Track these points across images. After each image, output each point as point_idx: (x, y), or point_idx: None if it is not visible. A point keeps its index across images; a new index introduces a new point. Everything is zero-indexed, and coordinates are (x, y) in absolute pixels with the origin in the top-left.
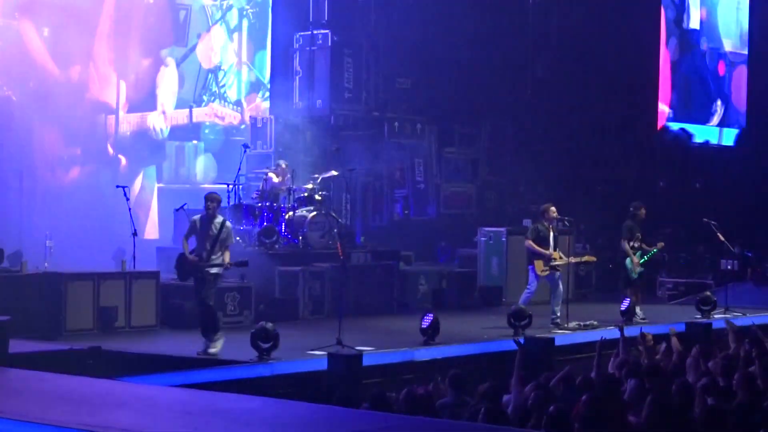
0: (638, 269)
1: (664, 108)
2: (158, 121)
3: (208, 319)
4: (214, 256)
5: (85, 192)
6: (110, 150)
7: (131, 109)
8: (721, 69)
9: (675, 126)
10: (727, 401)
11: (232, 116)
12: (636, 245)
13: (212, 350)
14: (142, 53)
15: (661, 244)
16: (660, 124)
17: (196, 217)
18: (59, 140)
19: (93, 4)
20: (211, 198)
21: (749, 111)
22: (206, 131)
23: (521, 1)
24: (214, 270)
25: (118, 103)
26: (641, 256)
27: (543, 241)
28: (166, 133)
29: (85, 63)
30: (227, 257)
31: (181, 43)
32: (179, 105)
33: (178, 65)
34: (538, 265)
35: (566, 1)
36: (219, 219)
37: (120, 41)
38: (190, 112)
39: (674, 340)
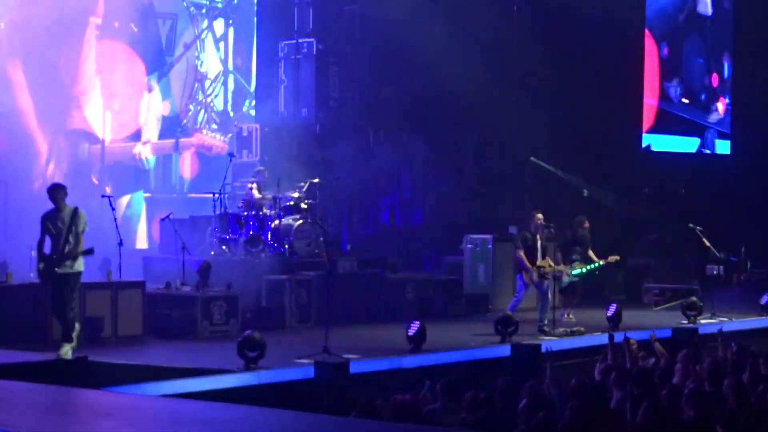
0: (566, 279)
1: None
2: (144, 151)
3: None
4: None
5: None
6: (94, 180)
7: (115, 139)
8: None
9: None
10: (717, 406)
11: (220, 147)
12: (576, 257)
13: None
14: (127, 81)
15: (613, 258)
16: (646, 125)
17: (45, 214)
18: (42, 160)
19: (77, 32)
20: (56, 188)
21: (734, 117)
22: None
23: (506, 7)
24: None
25: (103, 133)
26: (580, 266)
27: (530, 250)
28: (152, 162)
29: (70, 92)
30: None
31: (168, 53)
32: (165, 126)
33: (165, 74)
34: (526, 274)
35: (551, 7)
36: (69, 209)
37: (105, 69)
38: (177, 143)
39: (657, 345)
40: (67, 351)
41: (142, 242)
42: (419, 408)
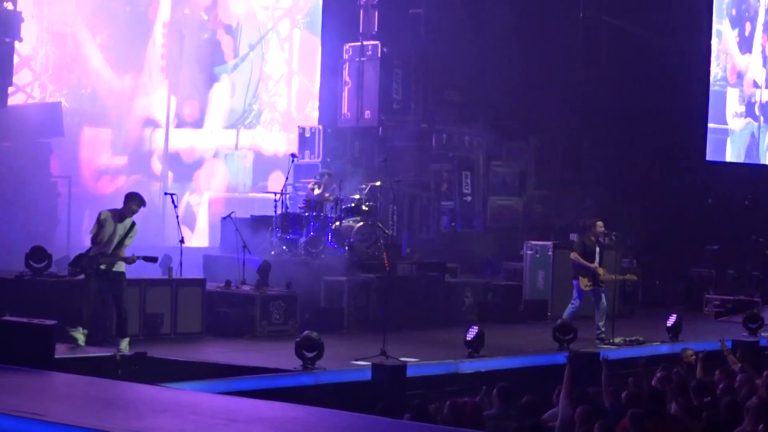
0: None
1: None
2: (206, 140)
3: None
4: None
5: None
6: (157, 164)
7: (180, 125)
8: None
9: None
10: None
11: (279, 144)
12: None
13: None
14: (195, 69)
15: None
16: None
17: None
18: (107, 149)
19: (146, 17)
20: (135, 198)
21: None
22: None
23: (572, 16)
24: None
25: (168, 118)
26: None
27: (589, 256)
28: (212, 152)
29: (137, 76)
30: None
31: (233, 55)
32: (228, 121)
33: (230, 72)
34: (582, 280)
35: (617, 15)
36: (129, 221)
37: (173, 55)
38: (237, 133)
39: (731, 357)
40: (125, 345)
41: (203, 240)
42: (479, 412)
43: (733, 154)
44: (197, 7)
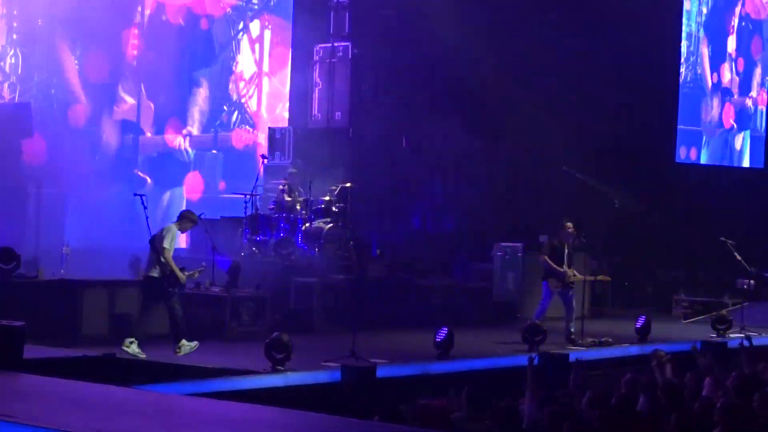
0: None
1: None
2: (184, 144)
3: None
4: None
5: (104, 205)
6: (138, 172)
7: (158, 131)
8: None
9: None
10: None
11: (249, 145)
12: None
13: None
14: (171, 74)
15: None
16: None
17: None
18: (80, 153)
19: (123, 23)
20: (190, 216)
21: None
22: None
23: (541, 17)
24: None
25: (139, 122)
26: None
27: (558, 258)
28: (192, 155)
29: (114, 81)
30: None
31: (207, 56)
32: (200, 122)
33: (202, 77)
34: (551, 282)
35: (586, 15)
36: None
37: (150, 61)
38: (216, 137)
39: (701, 359)
40: (183, 348)
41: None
42: (446, 415)
43: (705, 156)
44: (173, 10)
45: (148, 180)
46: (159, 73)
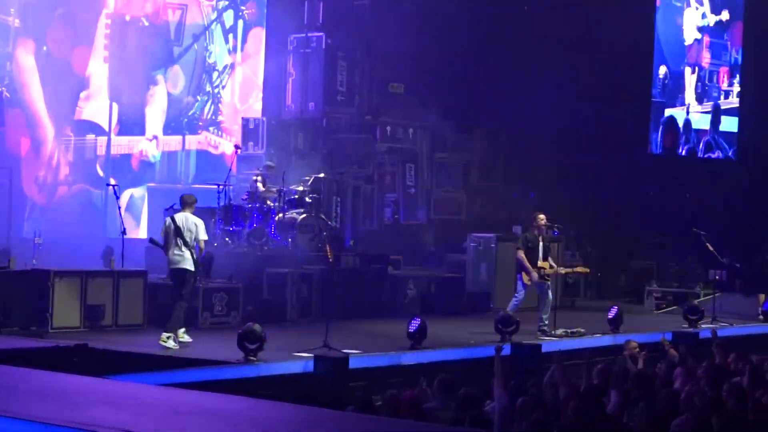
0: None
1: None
2: (150, 147)
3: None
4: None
5: (73, 197)
6: (99, 172)
7: (122, 132)
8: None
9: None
10: (716, 411)
11: (225, 146)
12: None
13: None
14: (135, 74)
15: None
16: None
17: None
18: (47, 146)
19: (89, 24)
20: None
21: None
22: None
23: (517, 9)
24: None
25: (110, 125)
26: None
27: (532, 251)
28: (158, 157)
29: (78, 84)
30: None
31: (177, 42)
32: (170, 117)
33: (173, 64)
34: (527, 276)
35: (561, 7)
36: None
37: (114, 62)
38: (183, 140)
39: (671, 350)
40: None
41: (144, 232)
42: (418, 405)
43: (679, 147)
44: (139, 10)
45: (112, 181)
46: (125, 74)
